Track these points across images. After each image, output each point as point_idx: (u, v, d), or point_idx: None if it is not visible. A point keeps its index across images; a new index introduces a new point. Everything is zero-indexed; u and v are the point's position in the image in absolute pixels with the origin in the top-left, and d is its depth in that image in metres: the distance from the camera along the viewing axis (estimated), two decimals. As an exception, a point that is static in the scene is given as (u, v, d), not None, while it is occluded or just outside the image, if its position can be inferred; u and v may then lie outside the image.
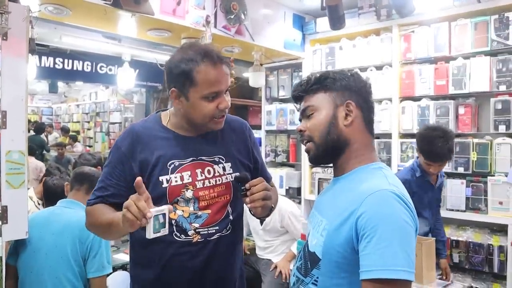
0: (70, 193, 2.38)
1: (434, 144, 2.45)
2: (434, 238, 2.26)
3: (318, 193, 3.68)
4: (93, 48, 3.80)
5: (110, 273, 2.25)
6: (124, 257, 3.10)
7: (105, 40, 3.12)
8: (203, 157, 1.46)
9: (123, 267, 3.00)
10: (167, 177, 1.41)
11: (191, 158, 1.44)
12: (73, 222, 2.14)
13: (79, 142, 10.36)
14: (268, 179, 1.63)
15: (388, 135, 3.40)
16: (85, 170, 2.42)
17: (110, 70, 6.74)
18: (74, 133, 10.58)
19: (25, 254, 2.12)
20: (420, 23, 3.26)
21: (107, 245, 2.21)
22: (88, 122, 12.04)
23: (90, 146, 10.99)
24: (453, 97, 3.11)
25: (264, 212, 1.36)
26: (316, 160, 1.30)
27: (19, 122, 2.03)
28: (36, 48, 2.16)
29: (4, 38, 1.96)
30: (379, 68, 3.48)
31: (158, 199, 1.36)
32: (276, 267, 3.18)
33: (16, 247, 2.15)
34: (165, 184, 1.40)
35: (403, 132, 3.35)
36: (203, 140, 1.47)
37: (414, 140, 3.18)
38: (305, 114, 1.28)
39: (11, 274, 2.15)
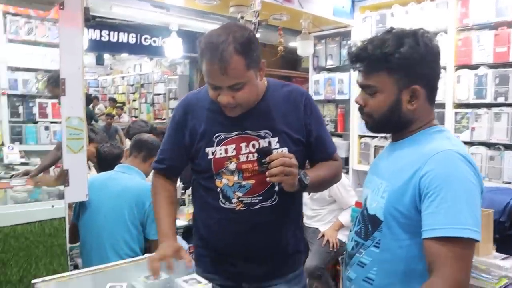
0: (128, 159, 2.46)
1: None
2: (493, 210, 2.17)
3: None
4: (141, 19, 3.83)
5: None
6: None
7: (153, 10, 3.14)
8: (249, 131, 1.45)
9: (173, 231, 3.11)
10: (213, 149, 1.46)
11: (236, 132, 1.45)
12: (129, 187, 2.23)
13: (125, 113, 10.67)
14: (328, 153, 1.58)
15: (442, 105, 3.26)
16: (144, 138, 2.48)
17: (154, 41, 6.82)
18: (120, 104, 10.90)
19: (85, 215, 2.24)
20: (480, -14, 3.06)
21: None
22: (133, 93, 12.32)
23: (135, 117, 11.27)
24: (514, 65, 2.94)
25: (288, 187, 1.32)
26: (374, 131, 1.30)
27: (77, 89, 2.10)
28: (92, 16, 2.20)
29: (61, 7, 2.01)
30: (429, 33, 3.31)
31: (205, 168, 1.48)
32: (323, 235, 3.19)
33: (78, 208, 2.28)
34: (210, 156, 1.46)
35: (458, 102, 3.21)
36: (251, 113, 1.45)
37: (470, 110, 3.07)
38: (365, 90, 1.22)
39: (74, 230, 2.29)
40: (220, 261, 1.55)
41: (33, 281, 1.29)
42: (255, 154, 1.44)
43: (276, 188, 1.46)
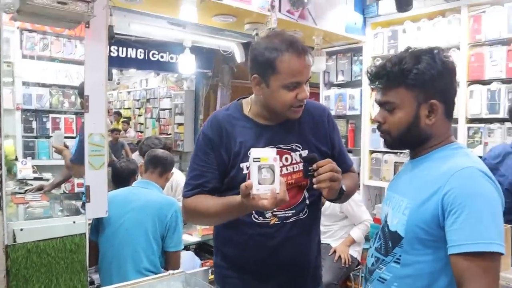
0: (144, 174, 2.50)
1: None
2: (511, 226, 2.17)
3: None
4: (157, 35, 3.89)
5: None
6: (187, 238, 3.20)
7: (170, 27, 3.19)
8: (281, 145, 1.48)
9: (186, 247, 3.12)
10: (247, 164, 1.45)
11: (269, 146, 1.46)
12: (152, 200, 2.27)
13: (131, 127, 10.70)
14: (348, 165, 1.64)
15: (455, 120, 3.28)
16: (159, 154, 2.53)
17: (162, 57, 6.89)
18: (126, 119, 10.93)
19: (106, 230, 2.27)
20: (492, 2, 3.10)
21: (182, 224, 2.33)
22: (139, 108, 12.36)
23: (141, 132, 11.31)
24: (527, 80, 2.96)
25: (332, 194, 1.33)
26: (393, 148, 1.32)
27: (100, 106, 2.13)
28: (115, 35, 2.24)
29: (87, 26, 2.05)
30: (445, 51, 3.34)
31: (239, 184, 1.40)
32: (335, 251, 3.19)
33: (97, 224, 2.30)
34: (245, 171, 1.46)
35: (471, 117, 3.23)
36: (281, 128, 1.49)
37: (483, 125, 3.08)
38: (384, 107, 1.24)
39: (93, 248, 2.29)
40: (247, 279, 1.53)
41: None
42: (290, 167, 1.47)
43: (307, 201, 1.50)
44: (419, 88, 1.17)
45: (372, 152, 3.87)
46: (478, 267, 1.03)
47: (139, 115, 12.35)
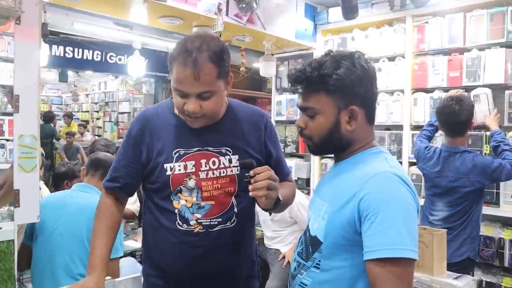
0: (85, 178, 2.43)
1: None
2: (446, 230, 2.23)
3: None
4: (104, 36, 3.79)
5: (121, 257, 2.31)
6: (133, 244, 3.13)
7: (117, 28, 3.12)
8: (210, 148, 1.43)
9: (131, 253, 3.04)
10: (171, 165, 1.41)
11: (196, 148, 1.43)
12: (88, 205, 2.18)
13: (88, 131, 10.42)
14: (285, 174, 1.61)
15: (400, 127, 3.37)
16: (100, 156, 2.46)
17: (120, 59, 6.74)
18: (83, 122, 10.64)
19: (40, 236, 2.17)
20: (435, 13, 3.21)
21: (121, 230, 2.25)
22: (97, 111, 12.10)
23: (99, 136, 11.03)
24: (467, 89, 3.07)
25: (268, 203, 1.29)
26: (316, 154, 1.33)
27: (31, 106, 2.03)
28: (49, 33, 2.16)
29: (18, 22, 1.95)
30: (391, 59, 3.44)
31: (162, 186, 1.42)
32: (284, 257, 3.19)
33: (32, 229, 2.20)
34: (168, 172, 1.41)
35: (415, 124, 3.31)
36: (211, 130, 1.44)
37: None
38: (305, 112, 1.23)
39: (26, 253, 2.20)
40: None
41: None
42: (216, 171, 1.43)
43: (236, 210, 1.45)
44: (339, 94, 1.16)
45: (322, 158, 3.90)
46: (390, 273, 1.02)
47: (97, 119, 12.09)
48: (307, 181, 4.01)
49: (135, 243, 3.14)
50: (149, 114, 1.49)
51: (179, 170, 1.41)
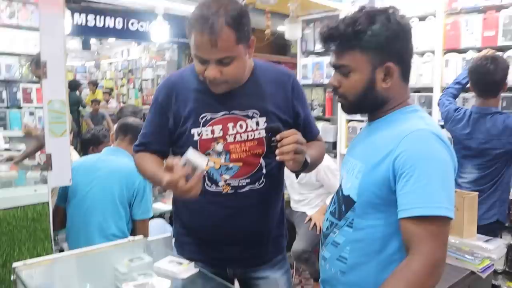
0: (115, 142, 2.51)
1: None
2: (477, 193, 2.19)
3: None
4: (126, 2, 3.75)
5: (151, 218, 2.39)
6: (162, 206, 3.20)
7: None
8: (236, 111, 1.42)
9: (160, 215, 3.12)
10: (199, 130, 1.41)
11: (223, 112, 1.41)
12: (119, 168, 2.27)
13: (113, 98, 10.54)
14: (314, 134, 1.60)
15: (430, 89, 3.26)
16: (129, 121, 2.51)
17: (142, 26, 6.69)
18: (108, 90, 10.75)
19: (73, 198, 2.26)
20: (469, -31, 3.04)
21: (150, 192, 2.33)
22: (121, 79, 12.17)
23: (124, 103, 11.15)
24: (502, 49, 2.93)
25: (296, 166, 1.27)
26: (350, 113, 1.29)
27: (59, 72, 2.06)
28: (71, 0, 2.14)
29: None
30: (422, 18, 3.30)
31: None
32: (310, 219, 3.21)
33: (65, 191, 2.28)
34: (196, 137, 1.42)
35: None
36: (238, 93, 1.41)
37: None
38: (339, 70, 1.20)
39: (60, 214, 2.30)
40: (204, 247, 1.52)
41: (14, 264, 1.28)
42: (244, 135, 1.42)
43: (264, 171, 1.45)
44: (374, 51, 1.12)
45: (348, 121, 3.85)
46: (426, 231, 1.01)
47: (122, 86, 12.17)
48: (334, 144, 3.98)
49: (164, 205, 3.21)
50: (174, 80, 1.48)
51: (207, 135, 1.41)
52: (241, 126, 1.42)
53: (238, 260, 1.52)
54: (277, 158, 1.24)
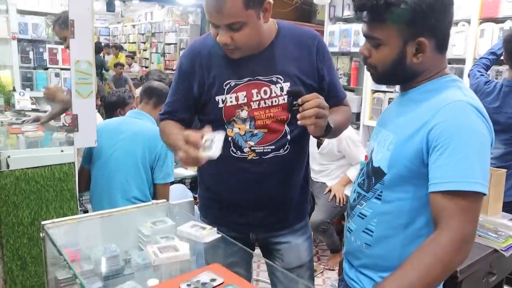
0: (139, 105, 2.52)
1: None
2: (505, 170, 2.14)
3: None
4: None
5: (172, 183, 2.41)
6: (183, 171, 3.23)
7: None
8: (260, 77, 1.40)
9: (181, 180, 3.16)
10: (223, 97, 1.41)
11: (247, 78, 1.40)
12: (143, 131, 2.28)
13: (136, 62, 10.55)
14: (339, 98, 1.56)
15: (462, 61, 3.14)
16: (154, 85, 2.51)
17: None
18: (131, 53, 10.75)
19: (97, 160, 2.30)
20: None
21: (172, 157, 2.34)
22: (144, 43, 12.15)
23: (146, 67, 11.18)
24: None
25: (318, 131, 1.24)
26: (380, 83, 1.25)
27: (86, 32, 2.04)
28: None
29: None
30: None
31: (215, 118, 1.44)
32: (330, 190, 3.20)
33: (90, 152, 2.32)
34: (220, 104, 1.42)
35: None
36: (261, 58, 1.40)
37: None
38: (369, 41, 1.14)
39: (85, 175, 2.34)
40: (227, 211, 1.54)
41: (43, 222, 1.30)
42: (268, 101, 1.41)
43: (289, 137, 1.45)
44: (407, 25, 1.06)
45: (374, 91, 3.77)
46: (457, 205, 0.99)
47: (144, 50, 12.17)
48: (358, 115, 3.91)
49: (185, 171, 3.24)
50: (198, 46, 1.47)
51: (231, 102, 1.41)
52: (265, 92, 1.41)
53: (261, 225, 1.54)
54: (299, 122, 1.22)
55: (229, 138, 1.43)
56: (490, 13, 3.00)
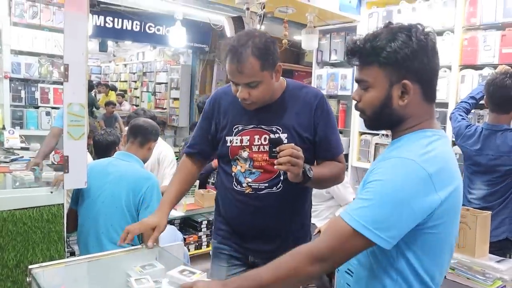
0: (126, 145, 2.46)
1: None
2: (490, 212, 2.17)
3: (374, 159, 3.62)
4: (144, 6, 3.80)
5: None
6: (172, 212, 3.18)
7: (159, -3, 3.11)
8: (263, 126, 1.65)
9: (170, 222, 3.12)
10: (231, 138, 1.69)
11: (252, 125, 1.66)
12: (128, 173, 2.24)
13: (126, 100, 10.63)
14: (332, 153, 1.69)
15: (444, 105, 3.25)
16: (139, 123, 2.47)
17: (159, 30, 6.79)
18: (121, 92, 10.84)
19: (85, 201, 2.25)
20: (489, -15, 3.03)
21: (158, 199, 2.29)
22: (135, 81, 12.27)
23: (136, 105, 11.24)
24: (520, 66, 2.91)
25: (293, 177, 1.45)
26: (370, 128, 1.29)
27: (80, 75, 2.09)
28: (97, 2, 2.18)
29: (67, -8, 1.99)
30: (439, 33, 3.28)
31: (224, 154, 1.71)
32: (319, 231, 3.19)
33: (78, 194, 2.28)
34: (228, 144, 1.69)
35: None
36: (267, 110, 1.64)
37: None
38: (360, 85, 1.20)
39: (73, 216, 2.30)
40: (232, 235, 1.78)
41: (30, 266, 1.30)
42: (266, 146, 1.63)
43: (282, 177, 1.63)
44: (392, 67, 1.12)
45: (361, 133, 3.85)
46: (335, 228, 1.06)
47: (135, 89, 12.26)
48: (346, 156, 3.96)
49: (174, 212, 3.22)
50: (220, 94, 1.77)
51: (236, 143, 1.67)
52: (265, 139, 1.64)
53: (258, 251, 1.73)
54: (275, 167, 1.44)
55: (233, 174, 1.69)
56: (469, 61, 3.14)
